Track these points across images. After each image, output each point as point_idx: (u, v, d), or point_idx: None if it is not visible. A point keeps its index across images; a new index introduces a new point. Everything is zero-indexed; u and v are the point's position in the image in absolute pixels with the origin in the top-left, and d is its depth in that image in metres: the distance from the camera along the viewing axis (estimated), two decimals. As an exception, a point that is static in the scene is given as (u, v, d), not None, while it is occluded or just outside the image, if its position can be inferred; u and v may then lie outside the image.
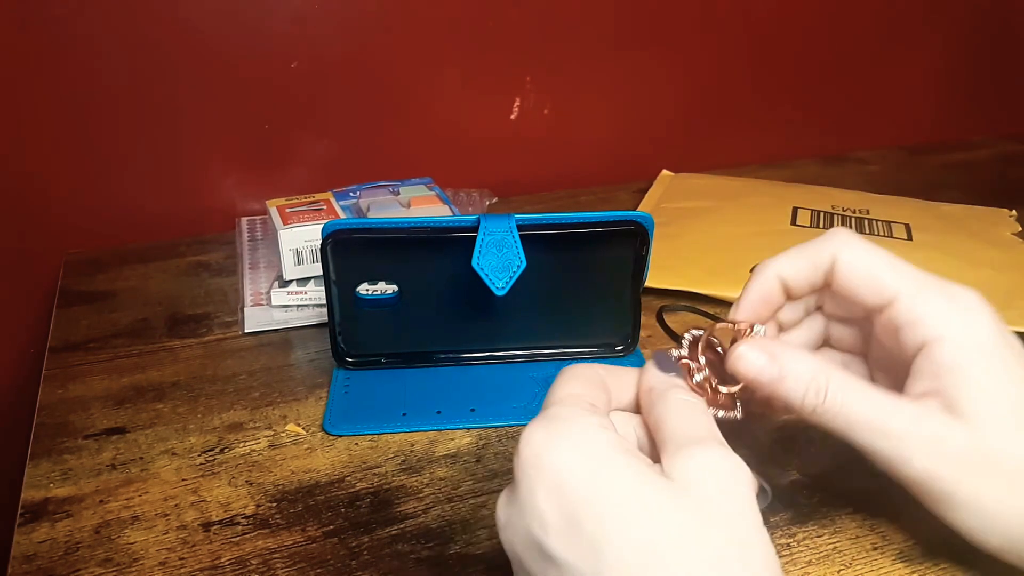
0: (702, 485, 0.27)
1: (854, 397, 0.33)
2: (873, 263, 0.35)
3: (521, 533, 0.28)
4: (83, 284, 0.64)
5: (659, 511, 0.27)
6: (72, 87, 0.67)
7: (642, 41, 0.82)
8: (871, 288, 0.35)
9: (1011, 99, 1.01)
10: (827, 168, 0.89)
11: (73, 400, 0.50)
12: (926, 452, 0.32)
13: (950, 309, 0.33)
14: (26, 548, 0.38)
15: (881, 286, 0.34)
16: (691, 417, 0.31)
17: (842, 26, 0.89)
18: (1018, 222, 0.71)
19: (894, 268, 0.34)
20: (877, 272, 0.35)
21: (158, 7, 0.67)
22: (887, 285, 0.34)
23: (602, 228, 0.48)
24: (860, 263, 0.35)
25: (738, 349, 0.34)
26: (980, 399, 0.32)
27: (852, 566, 0.37)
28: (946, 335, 0.33)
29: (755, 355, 0.34)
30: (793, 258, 0.37)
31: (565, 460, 0.28)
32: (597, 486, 0.27)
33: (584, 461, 0.28)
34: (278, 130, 0.74)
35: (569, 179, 0.84)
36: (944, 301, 0.33)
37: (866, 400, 0.33)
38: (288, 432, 0.47)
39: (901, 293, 0.34)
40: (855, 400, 0.33)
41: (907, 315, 0.33)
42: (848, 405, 0.33)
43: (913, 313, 0.33)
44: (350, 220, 0.48)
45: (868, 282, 0.35)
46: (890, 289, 0.34)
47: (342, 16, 0.72)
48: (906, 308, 0.33)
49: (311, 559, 0.38)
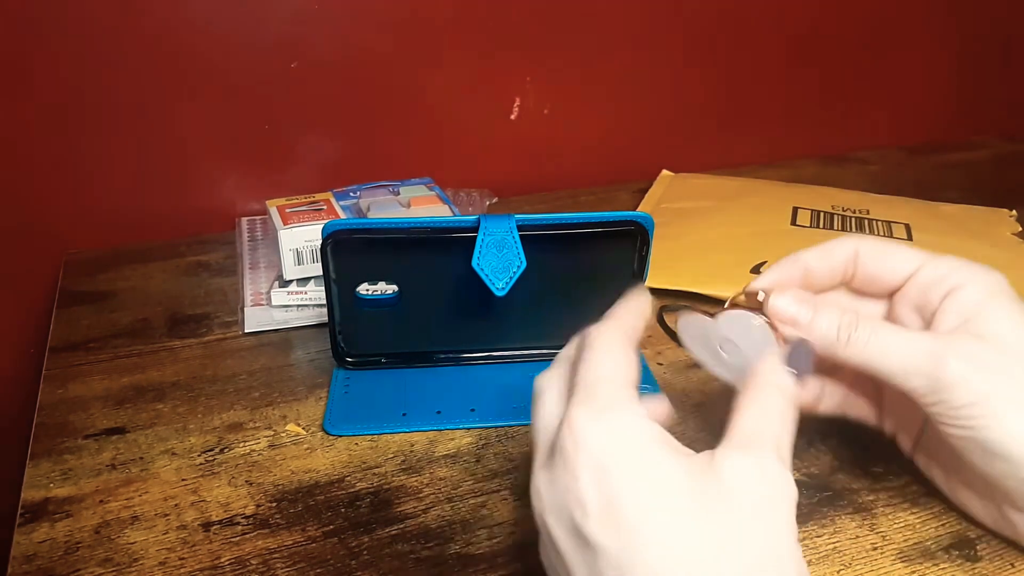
0: (750, 493, 0.28)
1: (881, 327, 0.36)
2: (891, 246, 0.39)
3: (557, 511, 0.29)
4: (83, 284, 0.64)
5: (703, 513, 0.27)
6: (72, 87, 0.67)
7: (642, 41, 0.82)
8: (896, 264, 0.38)
9: (1011, 99, 1.01)
10: (827, 168, 0.89)
11: (73, 400, 0.50)
12: (960, 357, 0.34)
13: (967, 266, 0.37)
14: (26, 548, 0.39)
15: (905, 260, 0.38)
16: (771, 420, 0.31)
17: (842, 26, 0.89)
18: (1018, 222, 0.71)
19: (909, 249, 0.39)
20: (898, 251, 0.39)
21: (158, 7, 0.67)
22: (909, 259, 0.38)
23: (602, 228, 0.48)
24: (881, 246, 0.39)
25: (773, 296, 0.38)
26: (1007, 327, 0.35)
27: (852, 566, 0.37)
28: (969, 282, 0.36)
29: (789, 299, 0.37)
30: (819, 252, 0.39)
31: (613, 447, 0.28)
32: (645, 477, 0.27)
33: (631, 451, 0.28)
34: (278, 130, 0.74)
35: (569, 179, 0.84)
36: (959, 263, 0.37)
37: (892, 331, 0.36)
38: (288, 432, 0.47)
39: (925, 261, 0.38)
40: (882, 329, 0.36)
41: (932, 275, 0.37)
42: (877, 335, 0.35)
43: (938, 271, 0.37)
44: (350, 220, 0.48)
45: (892, 260, 0.38)
46: (913, 262, 0.38)
47: (342, 16, 0.72)
48: (931, 268, 0.37)
49: (311, 559, 0.38)
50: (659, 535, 0.26)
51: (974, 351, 0.34)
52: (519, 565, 0.37)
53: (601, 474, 0.28)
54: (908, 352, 0.35)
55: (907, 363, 0.35)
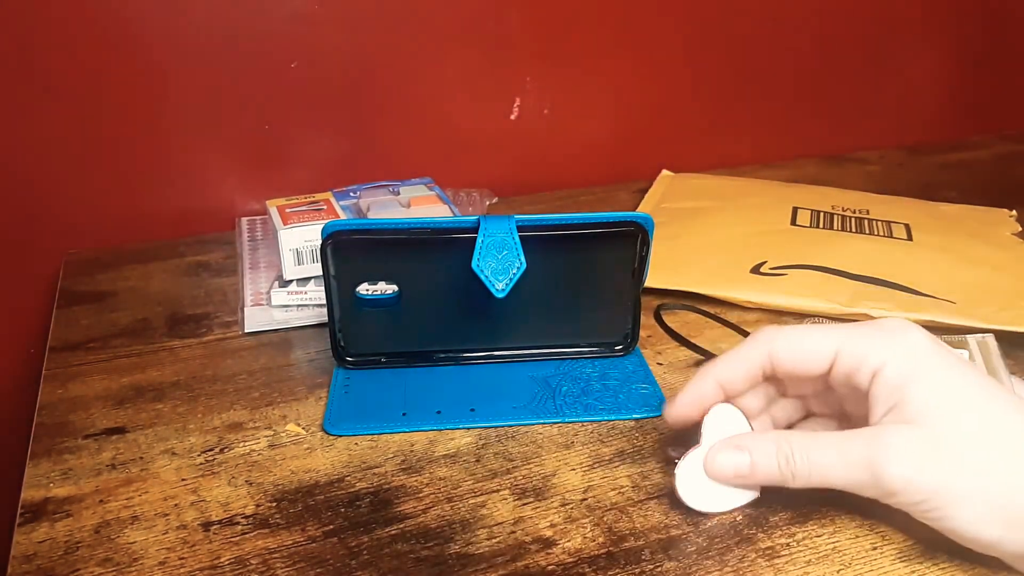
0: None
1: (816, 447, 0.36)
2: (805, 337, 0.38)
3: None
4: (83, 284, 0.65)
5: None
6: (72, 87, 0.67)
7: (642, 41, 0.82)
8: (813, 357, 0.38)
9: (1011, 99, 1.01)
10: (827, 168, 0.89)
11: (73, 400, 0.50)
12: (896, 461, 0.34)
13: (883, 338, 0.37)
14: (26, 548, 0.39)
15: (820, 351, 0.38)
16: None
17: (842, 26, 0.89)
18: (1018, 222, 0.71)
19: (825, 333, 0.38)
20: (811, 342, 0.38)
21: (158, 7, 0.67)
22: (824, 347, 0.37)
23: (602, 229, 0.48)
24: (794, 342, 0.38)
25: (709, 454, 0.38)
26: (933, 402, 0.35)
27: (851, 566, 0.37)
28: (888, 359, 0.36)
29: (726, 452, 0.38)
30: (728, 361, 0.40)
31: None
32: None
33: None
34: (278, 130, 0.74)
35: (569, 179, 0.84)
36: (876, 334, 0.37)
37: (827, 446, 0.36)
38: (288, 432, 0.47)
39: (840, 347, 0.37)
40: (817, 449, 0.36)
41: (851, 360, 0.37)
42: (814, 459, 0.36)
43: (855, 356, 0.37)
44: (350, 221, 0.48)
45: (808, 354, 0.38)
46: (829, 349, 0.37)
47: (342, 16, 0.72)
48: (847, 355, 0.37)
49: (311, 559, 0.38)
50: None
51: (909, 447, 0.34)
52: (519, 565, 0.37)
53: None
54: (846, 467, 0.35)
55: (851, 478, 0.36)
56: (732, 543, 0.38)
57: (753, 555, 0.37)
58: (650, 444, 0.45)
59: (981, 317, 0.54)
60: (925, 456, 0.34)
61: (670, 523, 0.39)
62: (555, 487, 0.42)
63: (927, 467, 0.34)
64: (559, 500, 0.41)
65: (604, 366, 0.52)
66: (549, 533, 0.39)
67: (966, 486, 0.34)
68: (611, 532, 0.39)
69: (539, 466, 0.43)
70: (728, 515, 0.40)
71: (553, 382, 0.50)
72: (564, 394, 0.49)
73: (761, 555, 0.37)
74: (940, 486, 0.34)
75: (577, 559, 0.37)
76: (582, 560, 0.37)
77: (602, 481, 0.42)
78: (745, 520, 0.39)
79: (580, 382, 0.50)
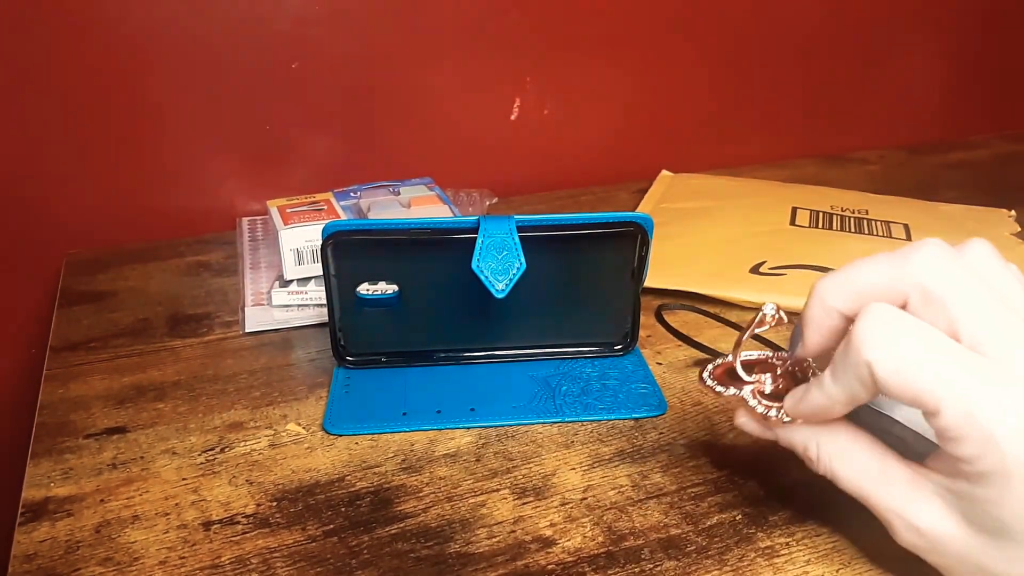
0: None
1: (841, 458, 0.35)
2: (912, 376, 0.30)
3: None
4: (83, 284, 0.65)
5: None
6: (72, 87, 0.67)
7: (642, 41, 0.82)
8: (913, 401, 0.31)
9: (1011, 99, 1.01)
10: (827, 168, 0.89)
11: (74, 400, 0.50)
12: (908, 528, 0.33)
13: (998, 431, 0.29)
14: (26, 547, 0.39)
15: (924, 400, 0.30)
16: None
17: (842, 26, 0.89)
18: (1018, 222, 0.71)
19: (937, 376, 0.30)
20: (918, 387, 0.30)
21: (158, 7, 0.67)
22: (930, 399, 0.30)
23: (602, 229, 0.48)
24: (898, 378, 0.31)
25: (739, 419, 0.38)
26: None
27: (851, 565, 0.37)
28: (984, 455, 0.29)
29: (753, 426, 0.38)
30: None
31: None
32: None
33: None
34: (278, 130, 0.74)
35: (569, 179, 0.84)
36: (996, 421, 0.29)
37: (854, 462, 0.34)
38: (288, 431, 0.47)
39: (943, 405, 0.30)
40: (841, 461, 0.35)
41: (951, 432, 0.30)
42: (833, 467, 0.35)
43: (956, 431, 0.30)
44: (350, 221, 0.48)
45: (909, 396, 0.31)
46: (932, 402, 0.30)
47: (342, 16, 0.72)
48: (950, 423, 0.30)
49: (311, 558, 0.38)
50: None
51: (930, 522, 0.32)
52: (519, 564, 0.37)
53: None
54: (864, 497, 0.34)
55: (867, 502, 0.34)
56: (732, 543, 0.38)
57: (753, 555, 0.37)
58: (650, 444, 0.45)
59: (980, 317, 0.54)
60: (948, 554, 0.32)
61: (670, 523, 0.39)
62: (555, 486, 0.42)
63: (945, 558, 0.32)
64: (559, 499, 0.41)
65: (604, 366, 0.52)
66: (549, 532, 0.39)
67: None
68: (611, 531, 0.39)
69: (539, 466, 0.44)
70: (728, 515, 0.40)
71: (553, 382, 0.50)
72: (564, 394, 0.49)
73: (761, 555, 0.37)
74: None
75: (577, 558, 0.37)
76: (582, 559, 0.37)
77: (602, 481, 0.42)
78: (745, 520, 0.40)
79: (580, 382, 0.50)
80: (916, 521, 0.32)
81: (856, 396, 0.33)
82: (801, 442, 0.35)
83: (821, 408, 0.34)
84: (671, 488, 0.42)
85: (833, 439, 0.35)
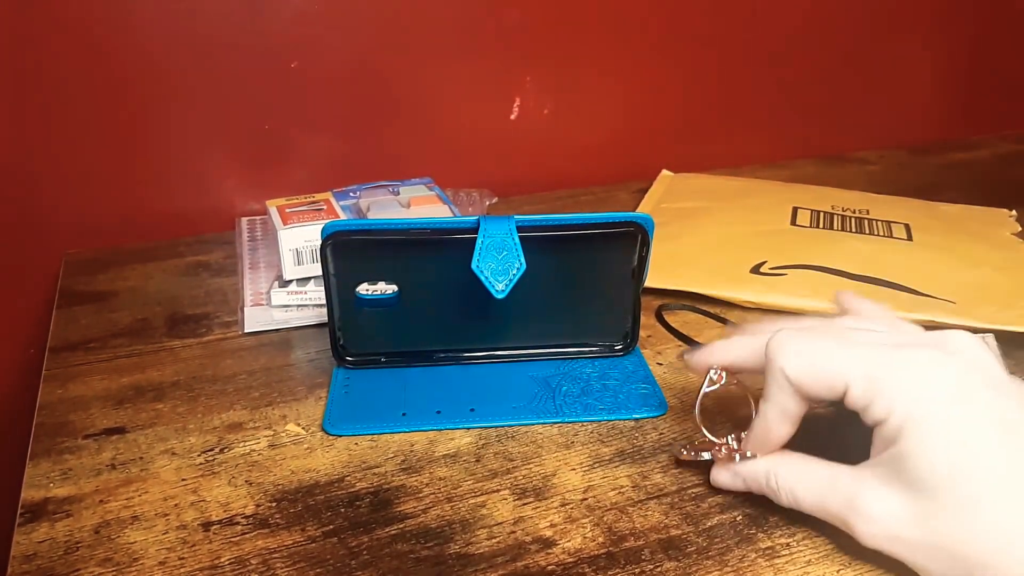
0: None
1: (796, 481, 0.37)
2: (818, 368, 0.35)
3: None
4: (83, 284, 0.65)
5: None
6: (72, 87, 0.67)
7: (642, 41, 0.82)
8: (827, 389, 0.35)
9: (1011, 99, 1.01)
10: (827, 168, 0.89)
11: (73, 400, 0.50)
12: (864, 520, 0.34)
13: (898, 376, 0.34)
14: (26, 548, 0.39)
15: (834, 384, 0.35)
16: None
17: (842, 26, 0.89)
18: (1018, 222, 0.71)
19: (840, 358, 0.35)
20: (825, 374, 0.35)
21: (157, 7, 0.67)
22: (838, 381, 0.35)
23: (602, 229, 0.48)
24: (808, 373, 0.36)
25: (713, 475, 0.41)
26: (929, 464, 0.32)
27: (851, 565, 0.37)
28: (891, 410, 0.33)
29: (723, 475, 0.40)
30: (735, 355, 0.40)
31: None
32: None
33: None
34: (278, 130, 0.74)
35: (569, 179, 0.84)
36: (894, 368, 0.34)
37: (809, 488, 0.37)
38: (288, 432, 0.47)
39: (850, 380, 0.34)
40: (797, 484, 0.37)
41: (861, 401, 0.34)
42: (793, 491, 0.37)
43: (866, 398, 0.34)
44: (349, 221, 0.48)
45: (823, 385, 0.35)
46: (841, 383, 0.35)
47: (342, 16, 0.72)
48: (858, 394, 0.34)
49: (311, 559, 0.38)
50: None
51: (878, 503, 0.34)
52: (519, 565, 0.37)
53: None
54: (826, 514, 0.36)
55: (832, 522, 0.36)
56: (732, 543, 0.38)
57: (753, 555, 0.37)
58: (650, 444, 0.45)
59: (981, 317, 0.54)
60: (903, 524, 0.33)
61: (670, 523, 0.39)
62: (555, 487, 0.42)
63: (900, 536, 0.33)
64: (559, 500, 0.41)
65: (604, 366, 0.52)
66: (549, 533, 0.39)
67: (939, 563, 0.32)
68: (611, 532, 0.39)
69: (539, 466, 0.43)
70: (728, 515, 0.40)
71: (553, 382, 0.50)
72: (564, 394, 0.49)
73: (761, 555, 0.37)
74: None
75: (577, 559, 0.37)
76: (582, 560, 0.37)
77: (602, 481, 0.42)
78: (745, 520, 0.39)
79: (580, 382, 0.50)
80: (867, 509, 0.34)
81: (785, 407, 0.37)
82: (763, 474, 0.38)
83: (764, 430, 0.38)
84: (671, 489, 0.42)
85: (786, 465, 0.38)
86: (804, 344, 0.36)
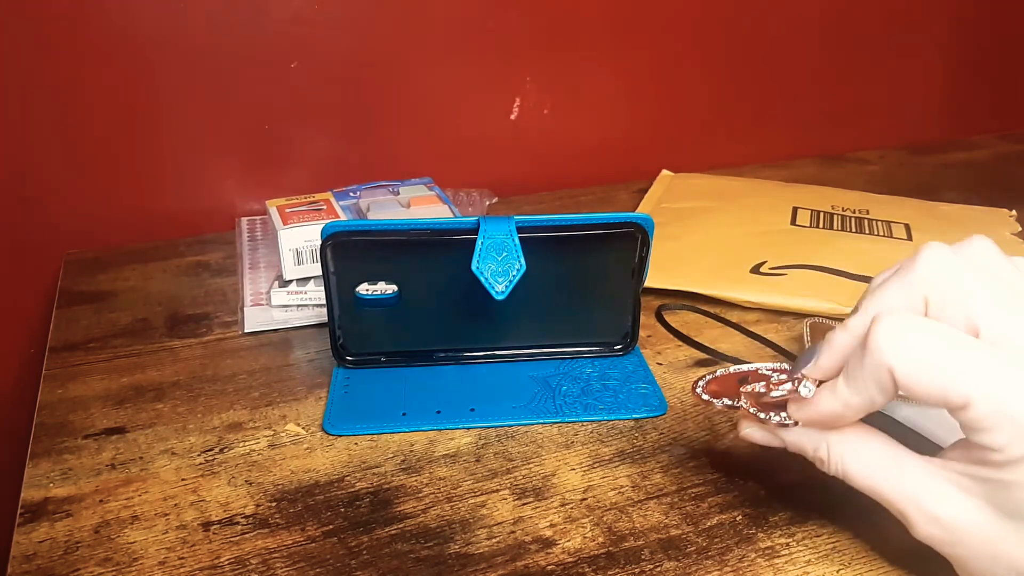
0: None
1: (852, 456, 0.34)
2: (935, 375, 0.30)
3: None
4: (83, 284, 0.65)
5: None
6: (71, 87, 0.67)
7: (642, 41, 0.82)
8: (940, 398, 0.31)
9: (1011, 99, 1.01)
10: (827, 168, 0.89)
11: (73, 400, 0.50)
12: (928, 519, 0.32)
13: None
14: (26, 548, 0.39)
15: (950, 396, 0.30)
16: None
17: (842, 26, 0.89)
18: (1018, 222, 0.71)
19: (961, 371, 0.30)
20: (943, 384, 0.30)
21: (158, 7, 0.67)
22: (956, 395, 0.30)
23: (602, 230, 0.48)
24: (920, 379, 0.31)
25: (744, 430, 0.38)
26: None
27: (851, 565, 0.37)
28: (1013, 445, 0.30)
29: (759, 434, 0.37)
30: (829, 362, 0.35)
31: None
32: None
33: None
34: (278, 130, 0.74)
35: (569, 179, 0.84)
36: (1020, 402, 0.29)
37: (866, 459, 0.34)
38: (288, 432, 0.47)
39: (973, 398, 0.30)
40: (852, 459, 0.34)
41: (983, 423, 0.30)
42: (845, 465, 0.34)
43: (987, 423, 0.30)
44: (349, 222, 0.48)
45: (936, 395, 0.31)
46: (960, 398, 0.30)
47: (342, 16, 0.72)
48: (981, 415, 0.30)
49: (310, 559, 0.38)
50: None
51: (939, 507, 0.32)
52: (519, 565, 0.37)
53: None
54: (877, 494, 0.34)
55: (881, 500, 0.34)
56: (732, 543, 0.38)
57: (753, 555, 0.37)
58: (650, 444, 0.45)
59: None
60: (962, 540, 0.32)
61: (670, 523, 0.39)
62: (555, 487, 0.42)
63: (958, 547, 0.32)
64: (559, 500, 0.41)
65: (604, 366, 0.52)
66: (549, 533, 0.39)
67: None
68: (611, 532, 0.39)
69: (539, 466, 0.43)
70: (728, 515, 0.40)
71: (553, 382, 0.50)
72: (564, 394, 0.49)
73: (761, 555, 0.37)
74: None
75: (577, 559, 0.37)
76: (582, 560, 0.37)
77: (602, 481, 0.42)
78: (745, 520, 0.39)
79: (580, 382, 0.50)
80: (936, 511, 0.32)
81: (874, 401, 0.33)
82: (811, 444, 0.35)
83: (834, 415, 0.34)
84: (671, 488, 0.42)
85: (843, 439, 0.35)
86: (920, 337, 0.31)
